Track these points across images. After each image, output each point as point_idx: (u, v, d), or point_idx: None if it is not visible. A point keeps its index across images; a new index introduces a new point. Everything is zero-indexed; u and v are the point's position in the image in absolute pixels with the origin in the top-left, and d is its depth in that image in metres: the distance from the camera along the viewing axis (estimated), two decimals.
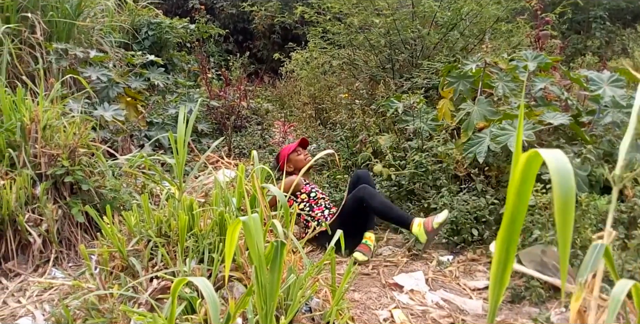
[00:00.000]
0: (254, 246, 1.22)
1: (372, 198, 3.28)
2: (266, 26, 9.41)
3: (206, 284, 1.00)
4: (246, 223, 1.22)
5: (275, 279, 1.30)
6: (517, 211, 0.99)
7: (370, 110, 4.73)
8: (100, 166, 3.45)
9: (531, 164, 0.94)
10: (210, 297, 1.02)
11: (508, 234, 1.02)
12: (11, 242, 2.96)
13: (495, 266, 1.06)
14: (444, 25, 5.38)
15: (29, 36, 4.93)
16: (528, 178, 0.95)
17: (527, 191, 0.97)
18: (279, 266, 1.31)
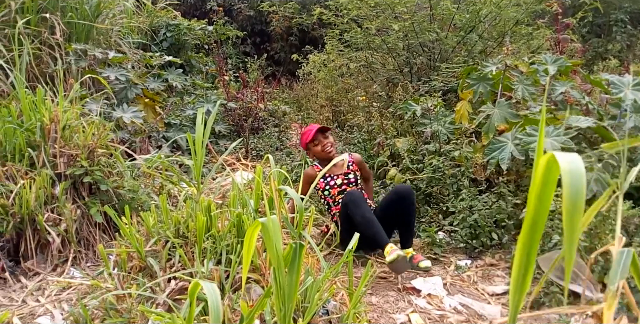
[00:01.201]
0: (272, 248, 1.24)
1: (356, 208, 3.11)
2: (284, 28, 9.44)
3: (213, 290, 1.01)
4: (265, 225, 1.23)
5: (293, 281, 1.31)
6: (538, 216, 0.99)
7: (388, 113, 4.73)
8: (119, 167, 3.49)
9: (551, 168, 0.94)
10: (214, 304, 1.04)
11: (529, 239, 1.02)
12: (30, 241, 3.00)
13: (515, 271, 1.06)
14: (463, 27, 5.37)
15: (49, 37, 5.00)
16: (549, 182, 0.95)
17: (548, 195, 0.96)
18: (297, 268, 1.32)
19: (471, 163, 3.62)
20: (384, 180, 4.01)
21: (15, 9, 4.88)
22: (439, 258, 3.30)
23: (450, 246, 3.42)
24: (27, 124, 3.31)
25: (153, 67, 5.67)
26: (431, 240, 3.35)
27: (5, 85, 4.36)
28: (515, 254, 1.04)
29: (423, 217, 3.67)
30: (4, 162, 3.16)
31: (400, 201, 3.15)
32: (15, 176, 3.09)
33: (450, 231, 3.46)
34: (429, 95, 4.46)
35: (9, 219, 2.92)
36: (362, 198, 3.19)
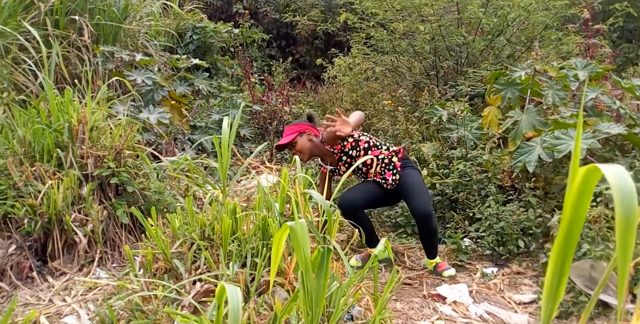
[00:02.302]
0: (300, 252, 1.24)
1: (354, 218, 3.15)
2: (309, 32, 9.47)
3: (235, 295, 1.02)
4: (293, 229, 1.24)
5: (321, 286, 1.31)
6: (573, 225, 0.98)
7: (414, 117, 4.71)
8: (145, 168, 3.54)
9: (589, 179, 0.93)
10: (234, 306, 1.04)
11: (563, 248, 1.01)
12: (57, 241, 3.06)
13: (549, 280, 1.05)
14: (490, 31, 5.33)
15: (77, 39, 5.10)
16: (585, 192, 0.94)
17: (584, 205, 0.96)
18: (325, 273, 1.32)
19: (498, 169, 3.58)
20: None
21: (45, 10, 4.98)
22: (464, 264, 3.27)
23: (476, 253, 3.39)
24: (56, 125, 3.37)
25: (179, 69, 5.73)
26: (457, 247, 3.32)
27: (34, 86, 4.45)
28: (549, 263, 1.03)
29: (448, 222, 3.64)
30: (33, 162, 3.23)
31: (420, 225, 3.12)
32: (43, 176, 3.15)
33: (476, 237, 3.42)
34: (455, 100, 4.43)
35: (37, 219, 2.98)
36: (351, 205, 3.17)
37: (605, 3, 6.66)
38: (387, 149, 3.29)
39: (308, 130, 3.35)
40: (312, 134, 3.34)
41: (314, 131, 3.37)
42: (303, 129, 3.36)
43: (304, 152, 3.32)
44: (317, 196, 2.30)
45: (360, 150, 3.28)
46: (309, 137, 3.33)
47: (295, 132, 3.34)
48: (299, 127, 3.37)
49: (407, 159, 3.35)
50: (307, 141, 3.33)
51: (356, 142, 3.28)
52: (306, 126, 3.38)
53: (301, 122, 3.44)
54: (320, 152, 3.38)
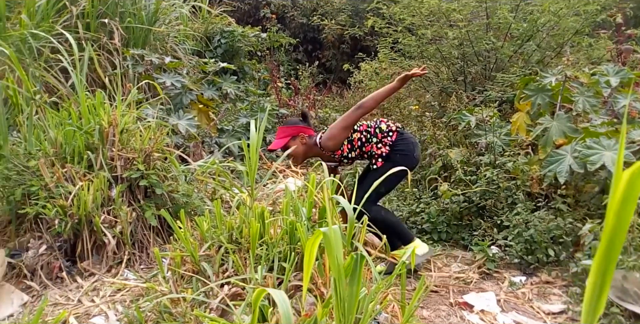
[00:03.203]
0: (333, 259, 1.23)
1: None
2: (336, 36, 9.50)
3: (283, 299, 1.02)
4: (327, 235, 1.24)
5: (354, 293, 1.30)
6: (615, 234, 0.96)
7: (441, 123, 4.68)
8: (173, 171, 3.57)
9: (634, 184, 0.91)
10: (285, 313, 1.04)
11: (605, 258, 0.99)
12: (87, 242, 3.10)
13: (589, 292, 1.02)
14: (519, 36, 5.27)
15: (107, 42, 5.18)
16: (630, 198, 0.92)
17: (629, 212, 0.93)
18: (357, 280, 1.32)
19: (527, 176, 3.53)
20: (435, 191, 3.95)
21: (76, 14, 5.07)
22: (492, 273, 3.23)
23: (503, 261, 3.33)
24: (86, 127, 3.42)
25: (208, 73, 5.78)
26: (484, 254, 3.28)
27: (65, 88, 4.52)
28: (590, 273, 1.01)
29: (476, 230, 3.59)
30: (64, 163, 3.28)
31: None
32: (74, 178, 3.20)
33: (504, 245, 3.37)
34: (484, 105, 4.39)
35: (67, 219, 3.02)
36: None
37: (638, 8, 6.55)
38: (377, 143, 3.26)
39: (301, 133, 3.30)
40: (305, 137, 3.29)
41: (307, 132, 3.32)
42: (296, 132, 3.30)
43: (297, 156, 3.30)
44: (344, 203, 2.30)
45: (356, 149, 3.29)
46: (303, 141, 3.29)
47: (288, 135, 3.29)
48: (292, 130, 3.31)
49: (401, 142, 3.28)
50: (301, 145, 3.29)
51: (351, 144, 3.28)
52: (299, 129, 3.32)
53: (294, 123, 3.37)
54: (315, 154, 3.36)
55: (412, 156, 3.24)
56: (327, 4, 9.91)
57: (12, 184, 3.13)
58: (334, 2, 9.93)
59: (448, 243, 3.69)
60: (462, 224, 3.69)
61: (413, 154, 3.24)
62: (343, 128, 3.20)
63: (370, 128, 3.28)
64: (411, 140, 3.29)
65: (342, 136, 3.22)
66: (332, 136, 3.23)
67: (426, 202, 3.85)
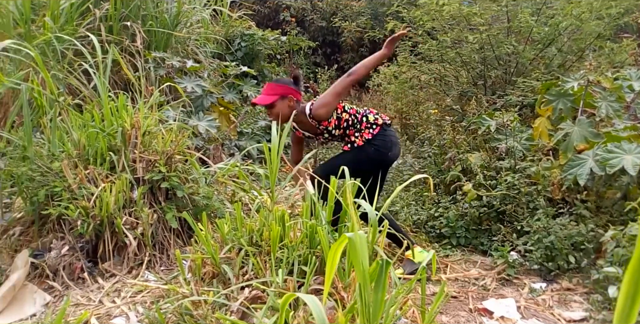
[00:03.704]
0: (359, 264, 1.22)
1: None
2: (355, 39, 9.48)
3: (316, 304, 1.01)
4: (352, 240, 1.22)
5: (379, 299, 1.29)
6: None
7: (460, 127, 4.63)
8: (194, 173, 3.58)
9: None
10: (319, 318, 1.03)
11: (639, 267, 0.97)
12: (108, 243, 3.12)
13: (621, 303, 1.00)
14: (541, 41, 5.21)
15: (129, 45, 5.22)
16: None
17: None
18: (383, 286, 1.30)
19: (548, 182, 3.48)
20: (454, 196, 3.92)
21: (99, 16, 5.12)
22: (511, 279, 3.18)
23: (523, 267, 3.29)
24: (109, 129, 3.44)
25: (228, 76, 5.80)
26: (504, 260, 3.23)
27: (87, 90, 4.57)
28: (623, 282, 0.98)
29: (495, 235, 3.55)
30: (87, 165, 3.31)
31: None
32: (96, 179, 3.22)
33: (523, 251, 3.33)
34: (504, 109, 4.34)
35: (90, 221, 3.04)
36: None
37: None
38: (358, 131, 3.25)
39: (291, 95, 3.22)
40: (293, 100, 3.23)
41: (296, 96, 3.25)
42: (286, 92, 3.22)
43: (282, 117, 3.21)
44: (366, 207, 2.28)
45: (341, 128, 3.27)
46: (290, 103, 3.22)
47: (277, 94, 3.20)
48: (283, 89, 3.22)
49: (380, 137, 3.24)
50: (287, 107, 3.21)
51: (338, 121, 3.25)
52: (290, 90, 3.23)
53: (286, 83, 3.27)
54: (298, 120, 3.29)
55: (386, 153, 3.21)
56: (346, 8, 9.90)
57: (36, 185, 3.16)
58: (353, 5, 9.92)
59: (467, 247, 3.65)
60: (481, 229, 3.65)
61: (388, 152, 3.21)
62: (335, 94, 3.16)
63: (359, 115, 3.27)
64: (391, 138, 3.26)
65: (333, 103, 3.17)
66: (324, 103, 3.16)
67: (445, 206, 3.82)
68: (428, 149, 4.57)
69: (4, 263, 3.06)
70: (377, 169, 3.17)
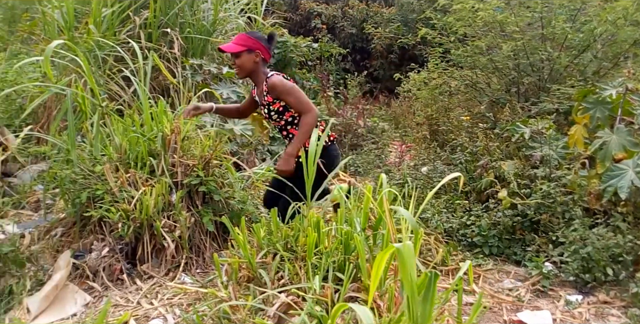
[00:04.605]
0: (407, 276, 1.20)
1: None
2: (384, 46, 9.46)
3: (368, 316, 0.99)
4: (401, 251, 1.20)
5: (427, 311, 1.26)
6: None
7: (493, 134, 4.54)
8: (230, 177, 3.59)
9: None
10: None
11: None
12: (147, 245, 3.15)
13: None
14: (575, 47, 5.10)
15: (167, 51, 5.27)
16: None
17: None
18: (431, 298, 1.27)
19: (585, 191, 3.39)
20: (487, 204, 3.82)
21: (139, 24, 5.19)
22: (546, 290, 3.07)
23: (558, 279, 3.17)
24: (149, 134, 3.48)
25: None
26: (539, 271, 3.13)
27: (127, 95, 4.62)
28: None
29: (528, 245, 3.43)
30: (127, 169, 3.34)
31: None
32: (136, 183, 3.25)
33: (559, 262, 3.22)
34: (539, 117, 4.24)
35: (130, 223, 3.08)
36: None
37: None
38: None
39: (259, 50, 3.09)
40: (260, 56, 3.11)
41: (265, 54, 3.13)
42: (255, 47, 3.09)
43: (243, 70, 3.12)
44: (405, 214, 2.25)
45: (281, 119, 3.17)
46: (256, 59, 3.10)
47: (246, 46, 3.07)
48: (253, 42, 3.09)
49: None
50: (252, 62, 3.10)
51: (284, 110, 3.14)
52: (259, 45, 3.10)
53: (259, 38, 3.14)
54: (257, 80, 3.18)
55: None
56: (376, 15, 9.89)
57: (79, 187, 3.22)
58: (383, 12, 9.90)
59: (499, 257, 3.54)
60: (515, 239, 3.54)
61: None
62: (303, 107, 3.06)
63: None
64: (333, 152, 3.25)
65: (294, 99, 3.06)
66: (291, 92, 3.07)
67: (477, 214, 3.72)
68: (459, 156, 4.47)
69: (46, 262, 3.11)
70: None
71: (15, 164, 4.41)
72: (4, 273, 2.86)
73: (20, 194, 4.03)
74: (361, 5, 10.07)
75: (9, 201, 3.87)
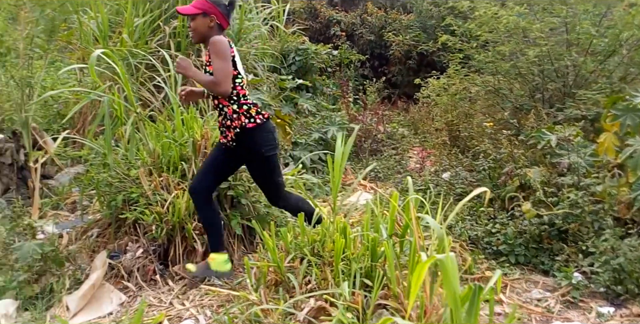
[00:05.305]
0: (451, 288, 1.18)
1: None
2: (403, 52, 9.40)
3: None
4: (444, 262, 1.18)
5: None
6: None
7: (517, 141, 4.42)
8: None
9: None
10: None
11: None
12: (179, 247, 3.17)
13: None
14: (601, 52, 4.96)
15: (195, 59, 5.29)
16: None
17: None
18: (475, 311, 1.25)
19: (615, 200, 3.26)
20: (512, 212, 3.70)
21: (169, 33, 5.23)
22: (576, 301, 2.94)
23: (588, 290, 3.02)
24: (181, 139, 3.50)
25: (285, 89, 5.83)
26: (569, 282, 3.01)
27: (157, 102, 4.66)
28: None
29: (557, 255, 3.31)
30: (160, 173, 3.37)
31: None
32: (169, 186, 3.27)
33: (589, 272, 3.08)
34: (567, 124, 4.09)
35: (163, 225, 3.10)
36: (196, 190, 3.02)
37: None
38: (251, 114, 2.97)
39: (214, 15, 2.91)
40: (215, 21, 2.92)
41: (221, 20, 2.94)
42: (211, 11, 2.91)
43: (197, 33, 2.96)
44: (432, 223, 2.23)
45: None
46: (210, 24, 2.92)
47: (202, 9, 2.91)
48: (209, 7, 2.91)
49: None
50: (206, 26, 2.92)
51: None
52: (215, 10, 2.92)
53: (217, 3, 2.95)
54: (207, 45, 2.95)
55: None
56: (395, 22, 9.84)
57: (114, 190, 3.25)
58: (402, 19, 9.85)
59: (526, 266, 3.39)
60: (542, 248, 3.40)
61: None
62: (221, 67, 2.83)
63: (243, 97, 3.01)
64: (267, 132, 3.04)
65: (221, 66, 2.81)
66: (219, 55, 2.82)
67: (502, 222, 3.59)
68: (483, 163, 4.34)
69: (83, 262, 3.15)
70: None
71: (53, 166, 4.48)
72: (45, 271, 2.90)
73: (58, 196, 4.08)
74: (380, 13, 10.03)
75: (48, 202, 3.93)
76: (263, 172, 3.03)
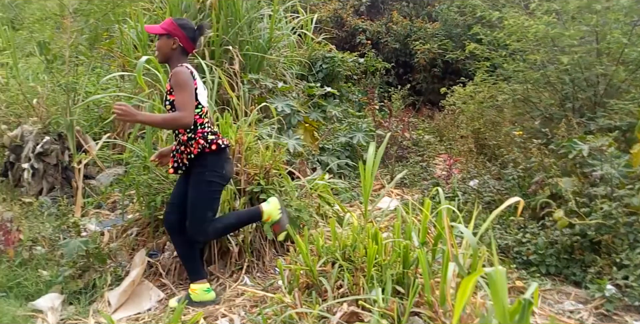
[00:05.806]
0: (499, 302, 1.16)
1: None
2: (428, 60, 9.35)
3: None
4: (492, 276, 1.17)
5: None
6: None
7: (547, 150, 4.28)
8: (286, 186, 3.60)
9: None
10: None
11: None
12: (214, 248, 3.20)
13: None
14: (632, 61, 4.85)
15: (228, 67, 5.36)
16: None
17: None
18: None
19: None
20: (543, 222, 3.59)
21: (204, 42, 5.29)
22: (610, 315, 2.84)
23: (622, 303, 2.91)
24: None
25: (314, 96, 5.86)
26: (602, 294, 2.91)
27: None
28: None
29: (589, 266, 3.20)
30: None
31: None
32: None
33: (623, 285, 2.96)
34: (598, 134, 4.00)
35: None
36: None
37: None
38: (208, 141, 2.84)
39: (178, 38, 2.86)
40: (178, 44, 2.86)
41: (184, 43, 2.88)
42: (175, 33, 2.86)
43: (160, 53, 2.91)
44: (466, 232, 2.21)
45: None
46: (173, 46, 2.86)
47: (167, 30, 2.85)
48: (175, 30, 2.86)
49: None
50: (169, 48, 2.86)
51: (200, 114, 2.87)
52: (180, 33, 2.86)
53: (184, 27, 2.89)
54: (171, 68, 2.88)
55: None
56: (420, 30, 9.79)
57: (153, 191, 3.30)
58: (427, 27, 9.80)
59: (557, 277, 3.30)
60: (574, 259, 3.30)
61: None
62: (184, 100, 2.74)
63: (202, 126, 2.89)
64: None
65: (185, 99, 2.73)
66: (182, 88, 2.74)
67: (532, 232, 3.51)
68: (512, 172, 4.22)
69: (123, 259, 3.20)
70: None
71: (94, 167, 4.59)
72: (88, 267, 2.97)
73: (99, 195, 4.17)
74: (405, 21, 9.99)
75: (90, 201, 4.01)
76: (198, 195, 2.84)
